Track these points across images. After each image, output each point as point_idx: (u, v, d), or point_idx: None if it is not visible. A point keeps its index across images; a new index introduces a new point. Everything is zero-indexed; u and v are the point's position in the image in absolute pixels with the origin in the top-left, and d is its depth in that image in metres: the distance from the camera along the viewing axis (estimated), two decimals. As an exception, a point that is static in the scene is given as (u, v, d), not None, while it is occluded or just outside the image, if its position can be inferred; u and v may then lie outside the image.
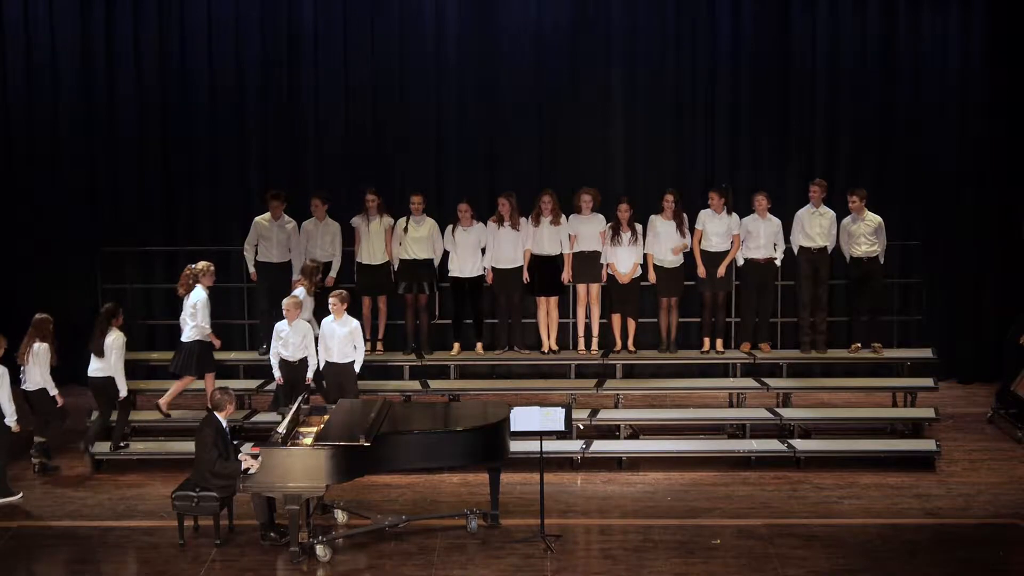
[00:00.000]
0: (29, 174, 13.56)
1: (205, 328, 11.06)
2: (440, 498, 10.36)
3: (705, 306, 12.27)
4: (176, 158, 13.57)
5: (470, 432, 9.34)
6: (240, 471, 9.07)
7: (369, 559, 9.11)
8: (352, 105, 13.57)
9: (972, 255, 13.62)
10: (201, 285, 11.09)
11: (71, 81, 13.44)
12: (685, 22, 13.46)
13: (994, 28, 13.36)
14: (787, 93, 13.52)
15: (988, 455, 11.44)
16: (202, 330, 11.05)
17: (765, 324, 12.29)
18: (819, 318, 12.18)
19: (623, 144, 13.61)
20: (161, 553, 9.23)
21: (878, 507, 10.14)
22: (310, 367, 10.99)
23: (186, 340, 11.12)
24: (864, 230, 12.02)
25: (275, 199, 12.19)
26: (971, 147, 13.51)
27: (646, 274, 12.07)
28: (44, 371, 10.75)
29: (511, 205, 12.03)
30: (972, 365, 13.74)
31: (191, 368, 11.17)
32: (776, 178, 13.36)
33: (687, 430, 11.65)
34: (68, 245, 13.52)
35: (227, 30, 13.40)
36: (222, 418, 9.38)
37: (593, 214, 12.09)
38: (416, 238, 12.11)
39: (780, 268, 12.26)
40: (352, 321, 10.89)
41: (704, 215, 12.09)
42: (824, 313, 12.21)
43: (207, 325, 11.06)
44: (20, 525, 9.84)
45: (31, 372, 10.76)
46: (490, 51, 13.48)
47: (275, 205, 12.19)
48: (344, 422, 9.45)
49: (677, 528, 9.66)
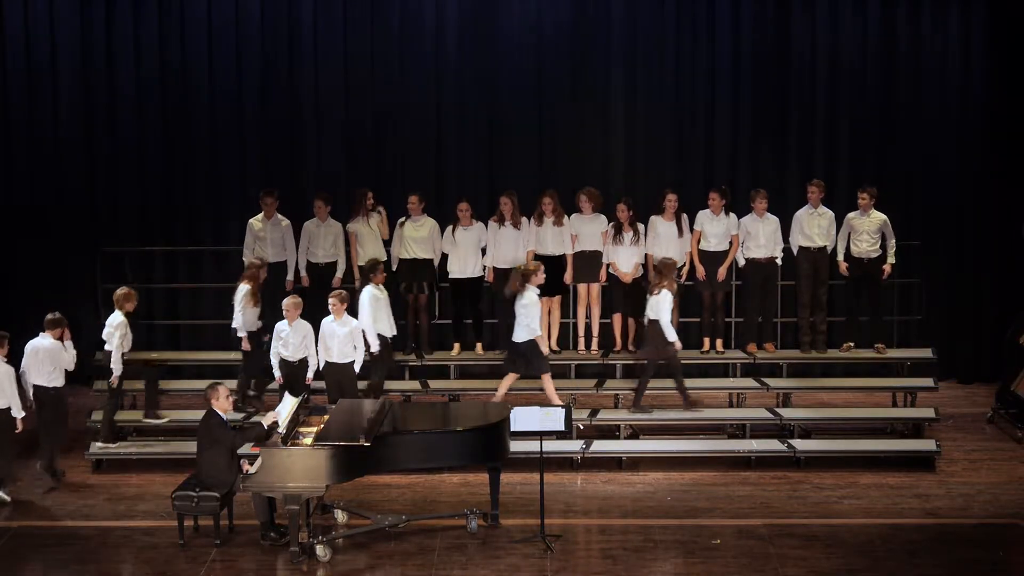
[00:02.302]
0: (29, 174, 13.55)
1: (536, 331, 11.03)
2: (440, 498, 10.36)
3: (705, 306, 12.26)
4: (176, 158, 13.57)
5: (470, 432, 9.34)
6: (263, 429, 9.15)
7: (369, 559, 9.12)
8: (352, 105, 13.56)
9: (972, 255, 13.62)
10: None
11: (71, 81, 13.43)
12: (685, 22, 13.46)
13: (994, 28, 13.36)
14: (787, 93, 13.52)
15: (988, 455, 11.45)
16: (532, 331, 10.99)
17: (768, 324, 12.29)
18: (819, 318, 12.19)
19: (623, 144, 13.61)
20: (161, 553, 9.24)
21: (878, 507, 10.14)
22: (310, 367, 10.99)
23: (518, 340, 11.07)
24: (868, 227, 12.02)
25: (268, 196, 12.19)
26: (971, 147, 13.51)
27: (647, 274, 12.07)
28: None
29: (512, 204, 12.03)
30: (972, 365, 13.74)
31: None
32: (776, 178, 13.36)
33: (687, 430, 11.65)
34: (68, 245, 13.52)
35: (227, 30, 13.39)
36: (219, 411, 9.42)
37: (594, 214, 12.09)
38: (416, 238, 12.11)
39: (780, 268, 12.26)
40: (352, 321, 10.89)
41: (702, 216, 12.09)
42: (824, 313, 12.21)
43: (538, 328, 11.04)
44: (20, 525, 9.84)
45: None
46: (490, 51, 13.48)
47: (268, 203, 12.18)
48: (344, 422, 9.45)
49: (677, 528, 9.67)
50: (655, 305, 11.24)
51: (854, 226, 12.06)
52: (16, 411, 10.28)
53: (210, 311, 12.96)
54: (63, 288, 13.29)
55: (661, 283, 11.26)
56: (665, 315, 11.18)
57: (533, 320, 11.00)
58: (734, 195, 12.52)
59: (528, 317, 10.98)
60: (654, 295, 11.28)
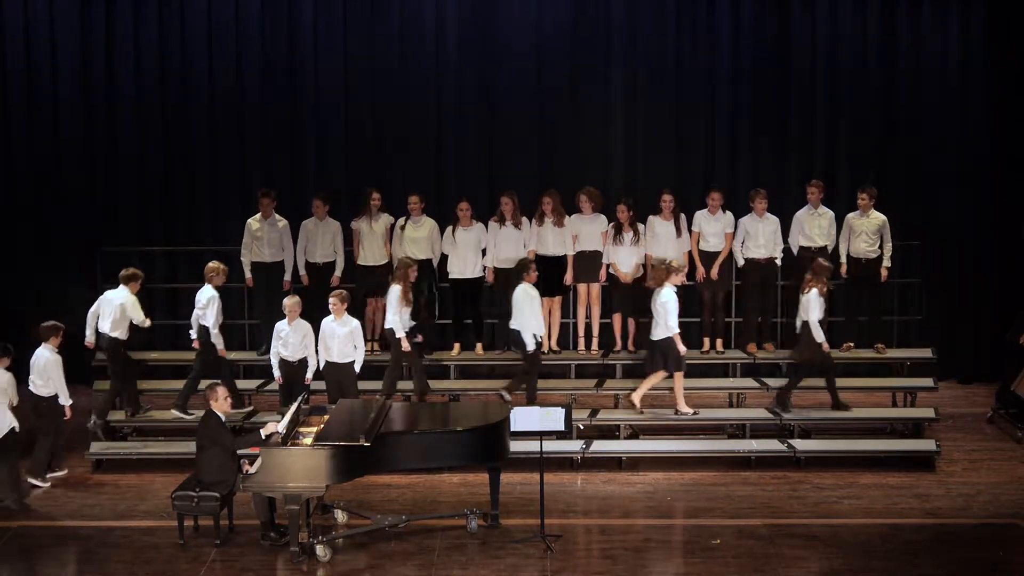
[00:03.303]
0: (29, 174, 13.55)
1: (674, 328, 11.07)
2: (440, 498, 10.36)
3: (705, 306, 12.26)
4: (176, 158, 13.57)
5: (470, 432, 9.34)
6: (261, 438, 9.16)
7: (369, 559, 9.11)
8: (352, 105, 13.57)
9: (972, 255, 13.62)
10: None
11: (71, 81, 13.44)
12: (685, 22, 13.47)
13: (994, 28, 13.36)
14: (787, 93, 13.53)
15: (988, 455, 11.45)
16: (670, 329, 11.04)
17: (768, 324, 12.29)
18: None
19: (623, 144, 13.61)
20: (161, 553, 9.23)
21: (878, 507, 10.15)
22: (310, 367, 10.99)
23: (657, 338, 11.12)
24: (867, 227, 12.02)
25: (265, 197, 12.19)
26: (971, 147, 13.52)
27: (647, 274, 12.06)
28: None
29: (513, 204, 12.03)
30: (972, 365, 13.75)
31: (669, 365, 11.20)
32: (776, 178, 13.37)
33: (687, 430, 11.65)
34: (68, 245, 13.52)
35: (227, 30, 13.40)
36: (219, 412, 9.42)
37: (594, 215, 12.09)
38: (416, 238, 12.10)
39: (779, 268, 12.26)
40: (352, 321, 10.89)
41: (700, 217, 12.10)
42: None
43: (675, 325, 11.04)
44: (20, 525, 9.83)
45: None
46: (490, 51, 13.48)
47: (265, 203, 12.18)
48: (344, 422, 9.45)
49: (677, 528, 9.67)
50: (805, 305, 11.22)
51: (853, 227, 12.06)
52: (64, 399, 10.52)
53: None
54: (63, 288, 13.31)
55: (811, 283, 11.22)
56: (815, 315, 11.15)
57: (672, 318, 11.01)
58: (734, 195, 12.52)
59: (667, 315, 11.00)
60: (804, 294, 11.27)
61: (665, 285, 11.08)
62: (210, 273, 11.21)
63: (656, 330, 11.15)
